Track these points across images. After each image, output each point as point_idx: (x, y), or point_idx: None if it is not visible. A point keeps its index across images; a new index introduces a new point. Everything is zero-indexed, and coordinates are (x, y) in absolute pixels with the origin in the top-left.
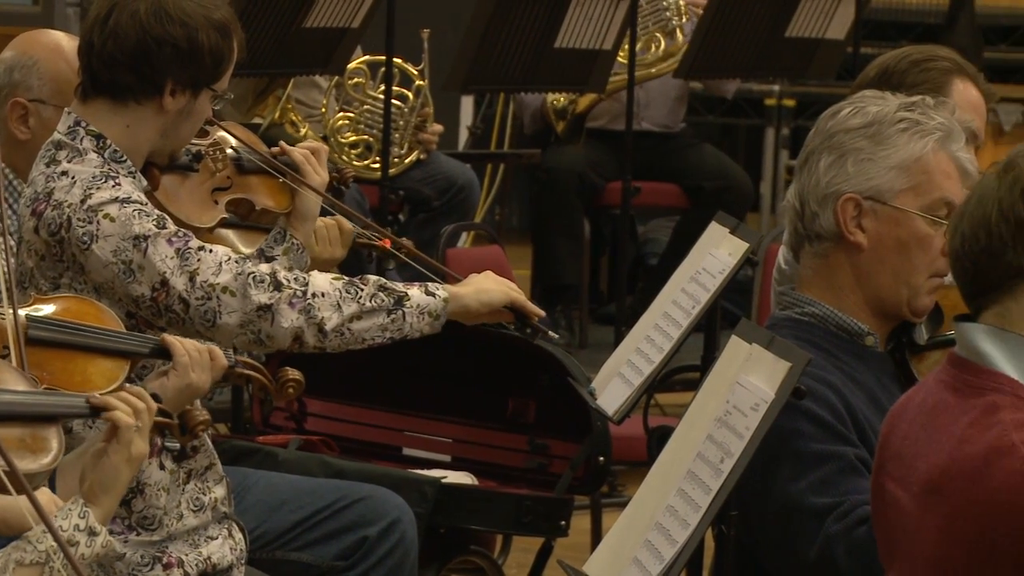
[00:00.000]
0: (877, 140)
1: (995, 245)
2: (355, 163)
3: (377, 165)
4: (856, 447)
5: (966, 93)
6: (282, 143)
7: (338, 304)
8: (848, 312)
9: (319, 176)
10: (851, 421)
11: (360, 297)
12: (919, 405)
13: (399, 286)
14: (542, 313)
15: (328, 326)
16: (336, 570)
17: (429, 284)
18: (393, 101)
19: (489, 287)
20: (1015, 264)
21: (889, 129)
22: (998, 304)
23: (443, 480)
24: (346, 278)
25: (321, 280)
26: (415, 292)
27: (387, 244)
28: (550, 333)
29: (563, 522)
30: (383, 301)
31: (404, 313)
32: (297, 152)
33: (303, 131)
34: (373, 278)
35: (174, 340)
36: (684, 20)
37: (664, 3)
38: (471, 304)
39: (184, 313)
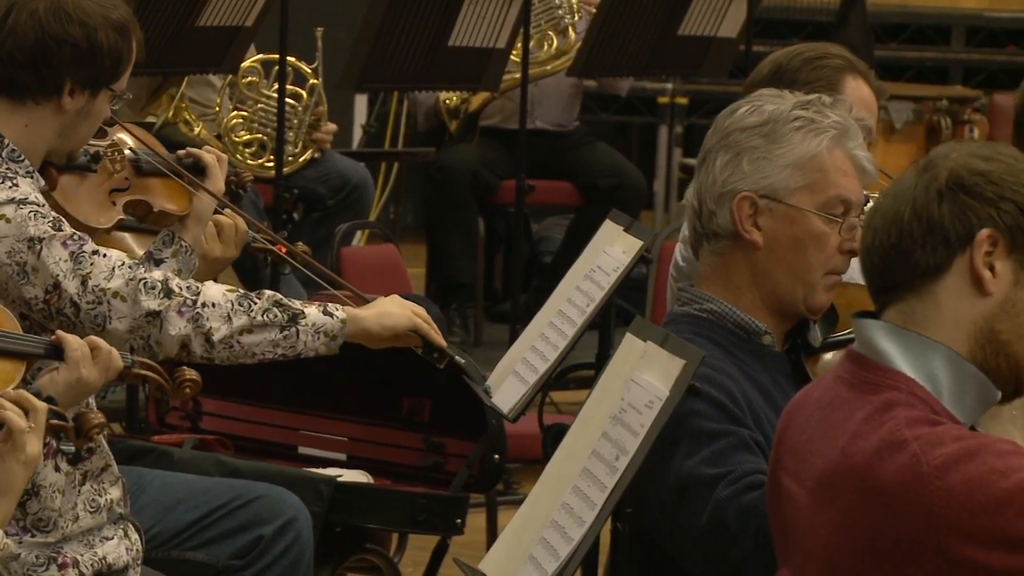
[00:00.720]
0: (772, 139)
1: (905, 243)
2: (249, 162)
3: (271, 164)
4: (752, 430)
5: (858, 90)
6: (190, 149)
7: (228, 316)
8: (746, 310)
9: (218, 183)
10: (748, 410)
11: (252, 311)
12: (816, 400)
13: (296, 304)
14: (444, 343)
15: (216, 336)
16: (232, 569)
17: (329, 304)
18: (287, 100)
19: (392, 311)
20: (923, 263)
21: (784, 128)
22: (903, 302)
23: (339, 479)
24: (242, 291)
25: (214, 291)
26: (312, 311)
27: (282, 250)
28: (457, 358)
29: (458, 520)
30: (276, 317)
31: (298, 331)
32: (207, 155)
33: (197, 130)
34: (269, 293)
35: (66, 335)
36: (577, 19)
37: (556, 1)
38: (372, 327)
39: (75, 317)
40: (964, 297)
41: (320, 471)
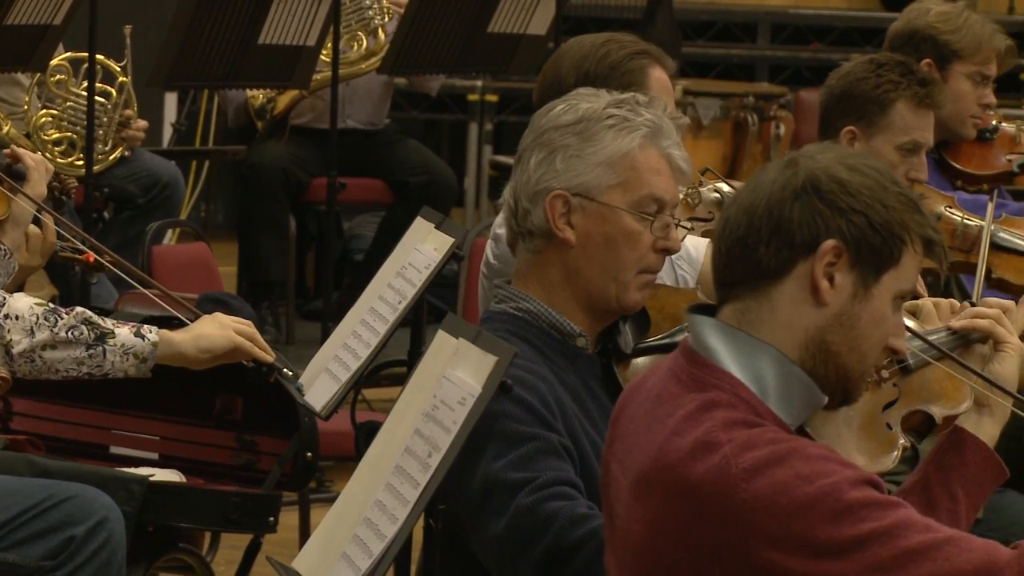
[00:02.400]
0: (585, 137)
1: (751, 238)
2: (59, 160)
3: (81, 162)
4: (561, 435)
5: (661, 79)
6: (14, 148)
7: (31, 329)
8: (560, 309)
9: (38, 188)
10: (560, 413)
11: (57, 326)
12: (648, 390)
13: (108, 323)
14: (271, 358)
15: (15, 349)
16: (43, 570)
17: (144, 326)
18: (96, 98)
19: (209, 333)
20: (765, 263)
21: (597, 126)
22: (740, 301)
23: (151, 478)
24: (52, 305)
25: (21, 303)
26: (123, 331)
27: (90, 258)
28: (286, 371)
29: (271, 518)
30: (82, 335)
31: (105, 351)
32: (29, 157)
33: (6, 129)
34: (80, 310)
35: None
36: (387, 19)
37: (367, 2)
38: (187, 351)
39: None
40: (800, 304)
41: (132, 470)
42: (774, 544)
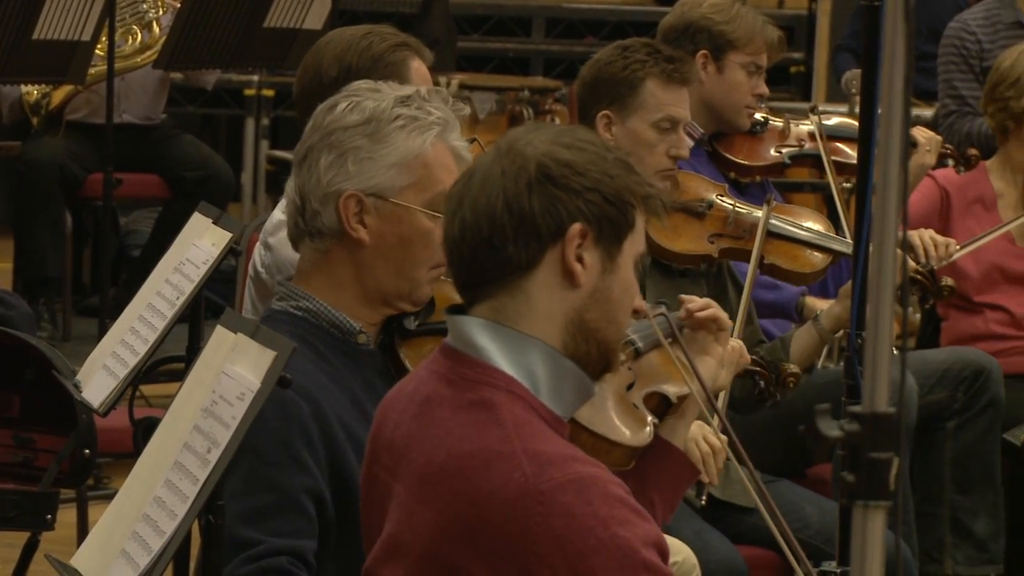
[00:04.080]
0: (377, 139)
1: (497, 238)
2: None
3: None
4: (313, 478)
5: (420, 70)
6: None
7: None
8: (345, 307)
9: None
10: (323, 442)
11: None
12: (411, 395)
13: None
14: None
15: None
16: None
17: None
18: None
19: None
20: (515, 260)
21: (388, 127)
22: (493, 299)
23: None
24: None
25: None
26: None
27: None
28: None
29: (48, 516)
30: None
31: None
32: None
33: None
34: None
35: None
36: (161, 13)
37: None
38: None
39: None
40: (555, 290)
41: None
42: (553, 573)
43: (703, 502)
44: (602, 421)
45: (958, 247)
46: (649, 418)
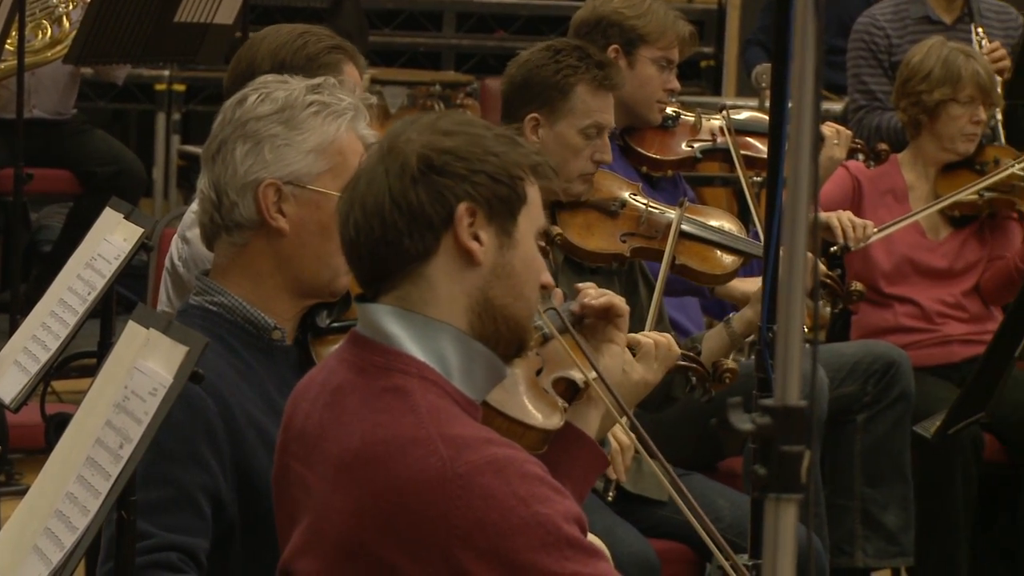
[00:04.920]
0: (291, 125)
1: (391, 234)
2: None
3: None
4: (211, 476)
5: (353, 75)
6: None
7: None
8: (263, 301)
9: None
10: (229, 440)
11: None
12: (322, 384)
13: None
14: None
15: None
16: None
17: None
18: None
19: None
20: (412, 251)
21: (302, 113)
22: (397, 289)
23: None
24: None
25: None
26: None
27: None
28: None
29: None
30: None
31: None
32: None
33: None
34: None
35: None
36: (72, 7)
37: None
38: None
39: None
40: (456, 272)
41: None
42: (475, 553)
43: (610, 498)
44: (515, 405)
45: (876, 229)
46: (560, 402)
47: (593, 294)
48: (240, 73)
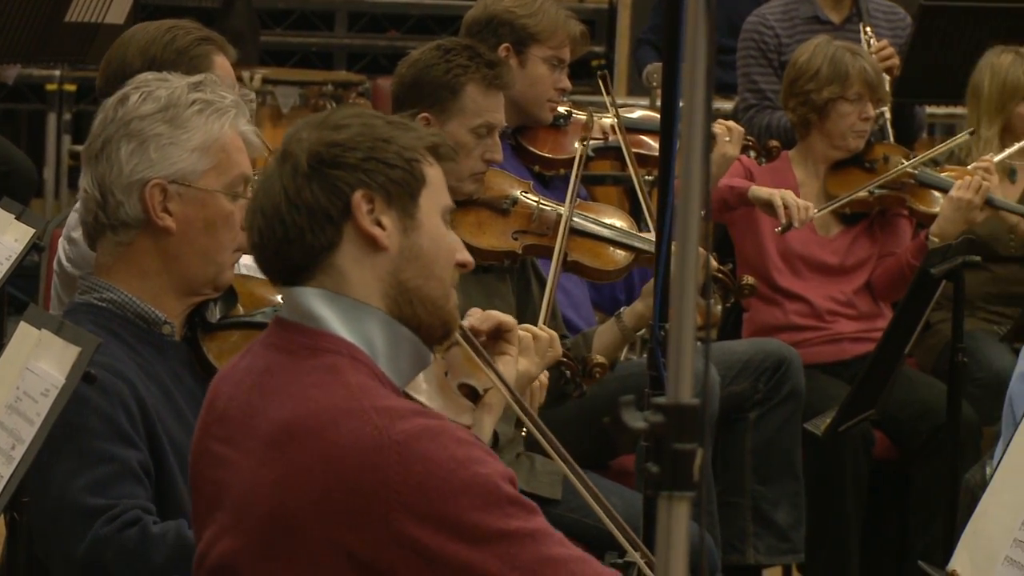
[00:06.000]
0: (175, 124)
1: (292, 232)
2: None
3: None
4: (140, 451)
5: (224, 66)
6: None
7: None
8: (151, 296)
9: None
10: (142, 419)
11: None
12: (246, 369)
13: None
14: None
15: None
16: None
17: None
18: None
19: None
20: (316, 245)
21: (186, 112)
22: (312, 280)
23: None
24: None
25: None
26: None
27: None
28: None
29: None
30: None
31: None
32: None
33: None
34: None
35: None
36: None
37: None
38: None
39: None
40: (364, 259)
41: None
42: (418, 519)
43: (523, 433)
44: (433, 403)
45: (816, 210)
46: (468, 404)
47: (479, 318)
48: (112, 73)
